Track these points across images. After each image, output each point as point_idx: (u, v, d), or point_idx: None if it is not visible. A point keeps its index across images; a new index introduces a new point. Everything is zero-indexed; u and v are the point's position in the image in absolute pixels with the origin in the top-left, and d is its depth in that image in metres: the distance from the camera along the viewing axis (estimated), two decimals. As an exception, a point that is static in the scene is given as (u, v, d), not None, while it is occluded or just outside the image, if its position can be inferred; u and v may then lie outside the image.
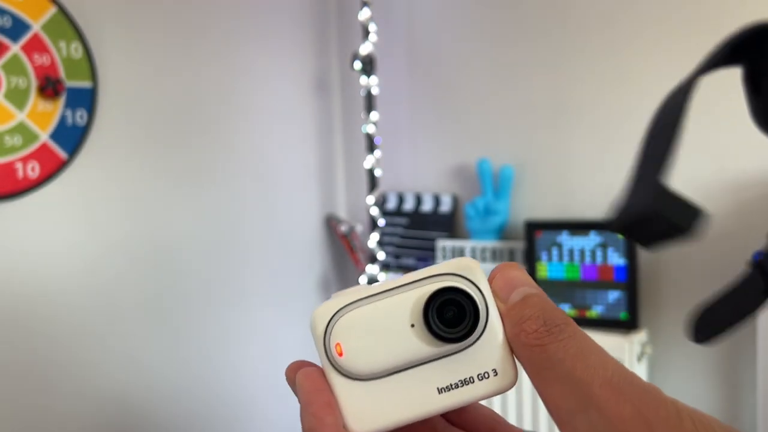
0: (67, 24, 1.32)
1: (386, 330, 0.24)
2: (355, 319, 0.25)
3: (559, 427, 0.21)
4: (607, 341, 1.31)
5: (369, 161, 1.72)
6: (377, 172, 1.73)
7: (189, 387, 1.56)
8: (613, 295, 1.38)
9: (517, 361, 0.24)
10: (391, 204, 1.80)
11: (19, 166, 1.27)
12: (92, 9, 1.37)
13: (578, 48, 1.49)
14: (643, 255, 1.39)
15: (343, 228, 1.80)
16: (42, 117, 1.30)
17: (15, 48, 1.26)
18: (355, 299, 0.25)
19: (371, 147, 1.72)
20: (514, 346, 0.23)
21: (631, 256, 1.36)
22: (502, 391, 0.24)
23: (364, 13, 1.68)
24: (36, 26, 1.29)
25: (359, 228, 1.81)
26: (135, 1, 1.44)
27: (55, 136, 1.32)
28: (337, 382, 0.25)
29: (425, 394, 0.24)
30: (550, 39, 1.53)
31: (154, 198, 1.48)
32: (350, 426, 0.24)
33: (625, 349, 1.30)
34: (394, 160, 1.79)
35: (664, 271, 1.40)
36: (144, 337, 1.47)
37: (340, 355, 0.25)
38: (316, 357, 0.26)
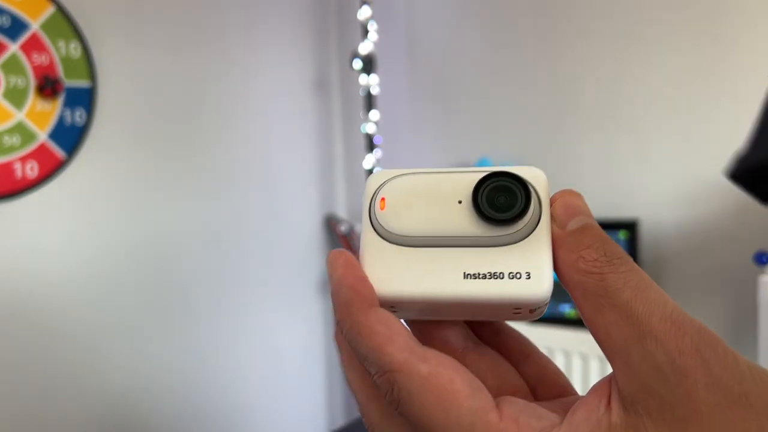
0: (66, 23, 1.32)
1: (433, 198, 0.24)
2: (408, 183, 0.24)
3: (610, 357, 0.20)
4: (607, 341, 1.30)
5: (369, 161, 1.71)
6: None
7: (189, 387, 1.55)
8: (614, 295, 1.37)
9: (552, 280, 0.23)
10: (392, 204, 1.79)
11: (17, 165, 1.26)
12: (91, 8, 1.36)
13: (579, 47, 1.48)
14: (645, 255, 1.39)
15: (343, 228, 1.79)
16: (41, 117, 1.29)
17: (14, 47, 1.26)
18: (416, 171, 0.25)
19: (371, 146, 1.71)
20: (566, 272, 0.22)
21: (632, 256, 1.35)
22: (528, 300, 0.22)
23: (364, 12, 1.68)
24: (35, 25, 1.28)
25: (359, 228, 1.80)
26: (134, 0, 1.44)
27: (54, 135, 1.31)
28: (368, 240, 0.24)
29: (450, 274, 0.23)
30: (551, 37, 1.53)
31: (153, 198, 1.48)
32: (374, 285, 0.24)
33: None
34: (394, 160, 1.78)
35: (665, 271, 1.39)
36: (143, 336, 1.47)
37: (382, 209, 0.24)
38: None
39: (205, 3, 1.57)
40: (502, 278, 0.22)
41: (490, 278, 0.22)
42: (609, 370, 0.21)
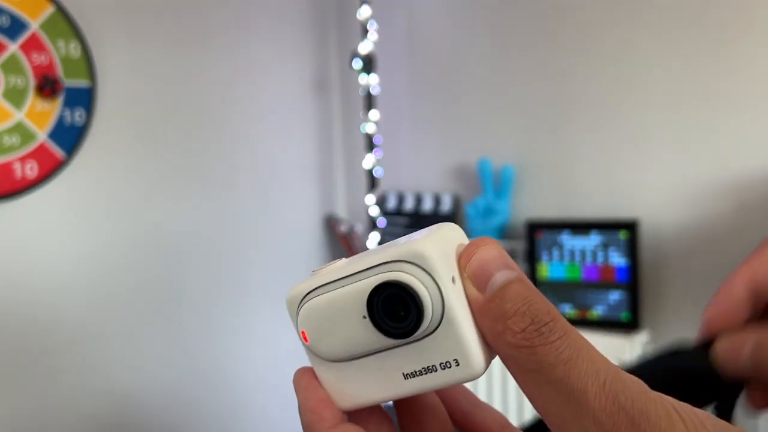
0: (65, 23, 1.32)
1: (341, 320, 0.24)
2: (315, 308, 0.25)
3: (550, 427, 0.20)
4: (608, 342, 1.30)
5: (369, 161, 1.71)
6: (377, 172, 1.73)
7: (188, 387, 1.55)
8: (615, 296, 1.37)
9: (485, 352, 0.22)
10: (391, 204, 1.79)
11: (17, 165, 1.26)
12: (91, 8, 1.36)
13: (579, 48, 1.48)
14: (645, 255, 1.39)
15: (343, 228, 1.79)
16: (40, 116, 1.29)
17: (13, 47, 1.26)
18: (320, 284, 0.25)
19: (371, 146, 1.71)
20: (495, 344, 0.21)
21: (632, 256, 1.35)
22: (466, 381, 0.23)
23: (364, 12, 1.67)
24: (34, 25, 1.28)
25: (359, 228, 1.80)
26: (134, 0, 1.44)
27: (54, 135, 1.31)
28: (315, 362, 0.26)
29: (392, 378, 0.24)
30: (551, 38, 1.53)
31: (152, 197, 1.48)
32: (336, 404, 0.25)
33: (626, 350, 1.29)
34: (394, 160, 1.78)
35: (666, 272, 1.39)
36: (143, 337, 1.47)
37: (306, 341, 0.25)
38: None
39: (205, 3, 1.57)
40: (436, 371, 0.23)
41: (426, 373, 0.23)
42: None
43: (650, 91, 1.39)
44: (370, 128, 1.71)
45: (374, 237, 1.72)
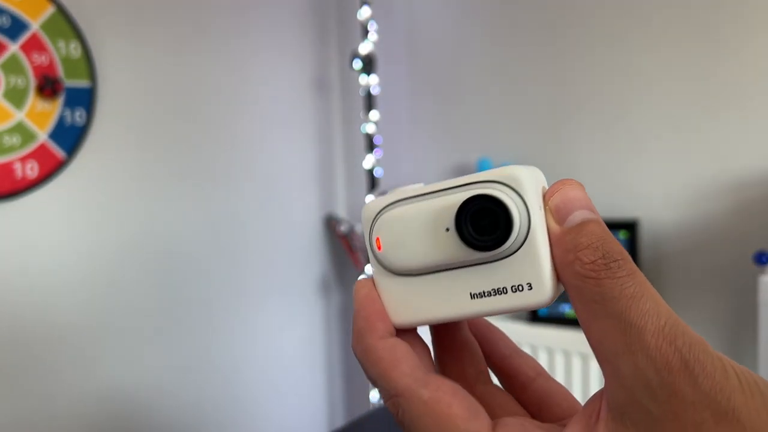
0: (66, 23, 1.32)
1: (422, 230, 0.24)
2: (396, 217, 0.25)
3: (601, 364, 0.21)
4: (607, 341, 1.30)
5: (369, 161, 1.71)
6: (377, 172, 1.73)
7: (188, 387, 1.55)
8: (614, 295, 1.37)
9: (555, 282, 0.23)
10: (392, 204, 1.79)
11: (17, 166, 1.26)
12: (91, 8, 1.36)
13: (579, 47, 1.48)
14: (645, 255, 1.39)
15: (343, 228, 1.79)
16: (41, 117, 1.29)
17: (14, 47, 1.26)
18: (402, 197, 0.25)
19: (371, 146, 1.71)
20: (563, 273, 0.22)
21: (632, 256, 1.35)
22: (534, 308, 0.23)
23: (364, 12, 1.68)
24: (35, 25, 1.28)
25: (359, 228, 1.80)
26: (135, 0, 1.44)
27: (54, 135, 1.31)
28: (378, 275, 0.26)
29: (458, 297, 0.24)
30: (551, 37, 1.53)
31: (153, 198, 1.48)
32: (391, 319, 0.25)
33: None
34: (394, 160, 1.78)
35: (666, 271, 1.39)
36: (143, 337, 1.47)
37: (379, 249, 0.25)
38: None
39: (205, 3, 1.57)
40: (506, 293, 0.23)
41: (495, 294, 0.23)
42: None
43: (650, 90, 1.39)
44: (370, 128, 1.71)
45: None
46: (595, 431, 0.20)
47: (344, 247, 1.84)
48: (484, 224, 0.23)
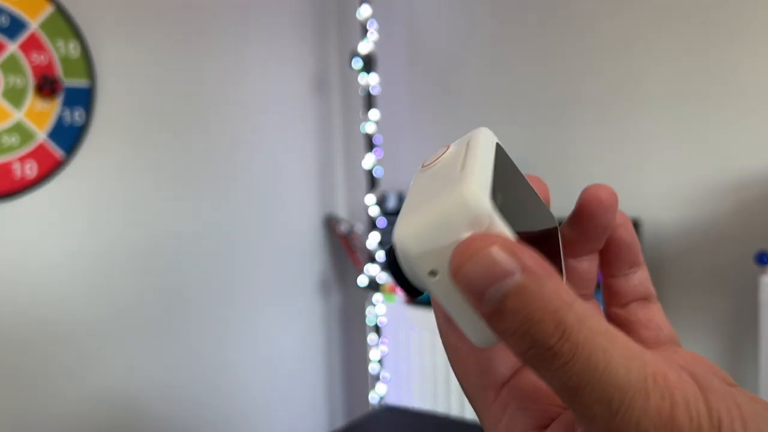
0: (65, 23, 1.32)
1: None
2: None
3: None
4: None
5: (369, 160, 1.71)
6: (377, 172, 1.73)
7: (188, 387, 1.55)
8: (615, 295, 1.37)
9: None
10: (391, 204, 1.79)
11: (16, 165, 1.26)
12: (90, 8, 1.36)
13: (579, 46, 1.48)
14: (645, 255, 1.38)
15: (343, 228, 1.79)
16: (39, 116, 1.29)
17: (13, 47, 1.26)
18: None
19: (371, 146, 1.71)
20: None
21: (632, 255, 1.35)
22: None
23: (364, 12, 1.67)
24: (34, 25, 1.28)
25: (359, 228, 1.80)
26: (133, 0, 1.44)
27: (53, 135, 1.31)
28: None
29: None
30: (551, 37, 1.52)
31: (152, 198, 1.48)
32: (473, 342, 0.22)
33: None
34: (394, 160, 1.78)
35: (666, 271, 1.39)
36: (142, 337, 1.46)
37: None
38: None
39: (204, 3, 1.57)
40: None
41: None
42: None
43: (650, 90, 1.39)
44: (370, 128, 1.70)
45: (374, 237, 1.71)
46: None
47: (344, 247, 1.84)
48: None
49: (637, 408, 0.16)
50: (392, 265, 0.20)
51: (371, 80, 1.69)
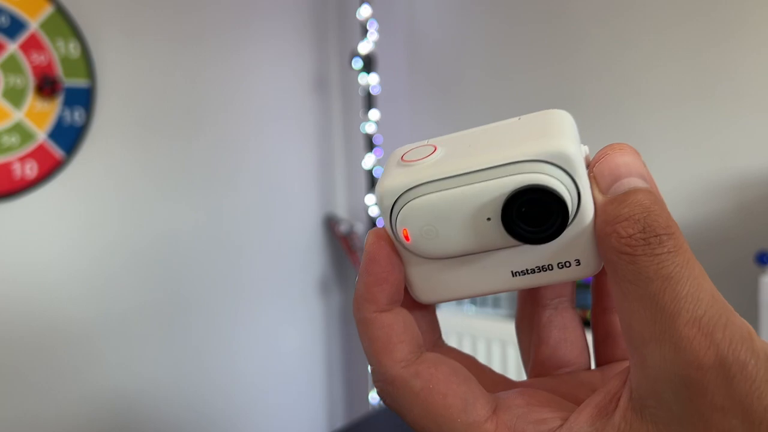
0: (64, 23, 1.32)
1: (458, 222, 0.21)
2: (424, 207, 0.21)
3: (629, 349, 0.19)
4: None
5: (369, 161, 1.71)
6: (377, 172, 1.73)
7: (187, 387, 1.55)
8: (615, 295, 1.37)
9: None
10: (391, 203, 1.79)
11: (16, 165, 1.26)
12: (90, 8, 1.36)
13: (579, 45, 1.48)
14: (645, 255, 1.39)
15: (343, 228, 1.79)
16: (39, 116, 1.29)
17: (12, 47, 1.26)
18: (426, 180, 0.22)
19: (371, 146, 1.71)
20: (601, 246, 0.20)
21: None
22: (582, 278, 0.22)
23: (364, 11, 1.67)
24: (34, 25, 1.28)
25: (359, 228, 1.80)
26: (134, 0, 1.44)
27: (53, 135, 1.31)
28: (405, 254, 0.23)
29: (497, 275, 0.22)
30: (551, 37, 1.52)
31: (152, 198, 1.48)
32: (417, 296, 0.24)
33: (626, 350, 1.29)
34: (394, 160, 1.78)
35: (666, 271, 1.39)
36: (142, 338, 1.46)
37: (408, 241, 0.22)
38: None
39: (204, 2, 1.57)
40: (552, 269, 0.22)
41: (540, 272, 0.22)
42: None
43: (650, 90, 1.39)
44: (370, 128, 1.70)
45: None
46: (611, 420, 0.19)
47: (344, 247, 1.84)
48: (534, 214, 0.20)
49: (725, 316, 0.17)
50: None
51: (371, 80, 1.69)
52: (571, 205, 0.20)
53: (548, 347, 0.26)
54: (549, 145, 0.20)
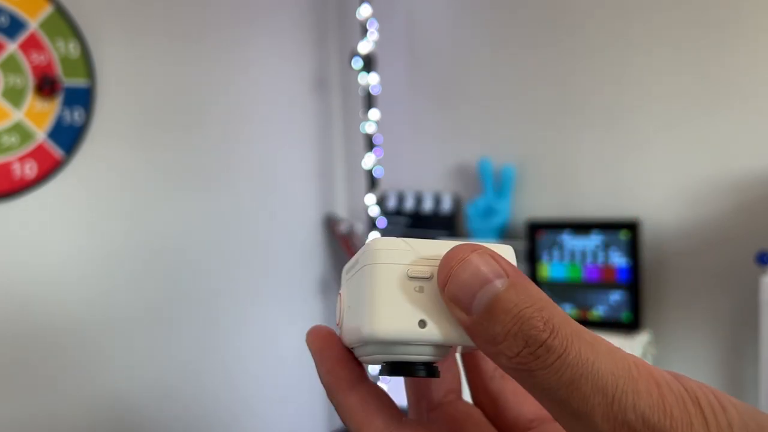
0: (64, 22, 1.32)
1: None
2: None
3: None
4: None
5: (369, 160, 1.71)
6: (377, 172, 1.72)
7: (188, 387, 1.55)
8: (616, 296, 1.37)
9: None
10: (391, 204, 1.79)
11: (16, 165, 1.26)
12: (90, 8, 1.36)
13: (579, 47, 1.48)
14: (646, 255, 1.38)
15: (343, 227, 1.79)
16: (39, 116, 1.29)
17: (12, 47, 1.25)
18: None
19: (371, 146, 1.71)
20: (498, 364, 0.19)
21: (633, 256, 1.34)
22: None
23: (364, 11, 1.67)
24: (33, 25, 1.28)
25: (359, 228, 1.80)
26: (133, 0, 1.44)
27: (53, 135, 1.31)
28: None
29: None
30: (552, 37, 1.52)
31: (152, 198, 1.48)
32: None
33: (627, 351, 1.29)
34: (394, 160, 1.78)
35: (667, 272, 1.39)
36: (142, 338, 1.46)
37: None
38: (312, 360, 0.26)
39: (204, 2, 1.57)
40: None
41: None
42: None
43: (651, 90, 1.39)
44: (370, 128, 1.70)
45: (374, 237, 1.71)
46: None
47: (344, 247, 1.84)
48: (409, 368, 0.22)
49: (630, 392, 0.17)
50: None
51: (371, 80, 1.69)
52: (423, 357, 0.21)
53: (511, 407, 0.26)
54: (365, 329, 0.21)
